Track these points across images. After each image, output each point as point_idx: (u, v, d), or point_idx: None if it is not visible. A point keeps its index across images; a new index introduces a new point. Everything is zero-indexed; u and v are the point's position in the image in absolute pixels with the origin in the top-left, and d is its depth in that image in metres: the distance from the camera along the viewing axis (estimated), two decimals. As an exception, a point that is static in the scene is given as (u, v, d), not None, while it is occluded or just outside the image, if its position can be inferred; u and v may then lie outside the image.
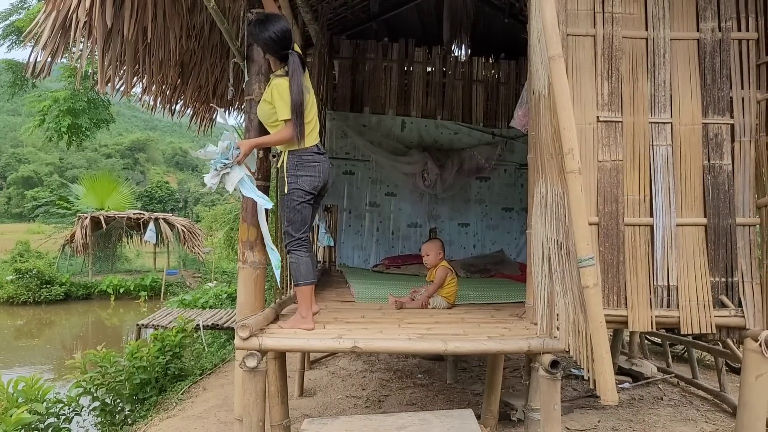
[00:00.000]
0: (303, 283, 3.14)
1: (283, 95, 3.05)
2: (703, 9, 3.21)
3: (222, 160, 3.05)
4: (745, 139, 3.14)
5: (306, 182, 3.14)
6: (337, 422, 3.04)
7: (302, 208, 3.15)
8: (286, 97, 3.04)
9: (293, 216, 3.15)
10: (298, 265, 3.15)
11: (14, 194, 42.89)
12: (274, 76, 3.20)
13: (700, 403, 4.83)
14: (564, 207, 2.77)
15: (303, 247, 3.18)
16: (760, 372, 2.99)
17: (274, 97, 3.08)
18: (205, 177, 3.10)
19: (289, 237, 3.16)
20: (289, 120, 3.05)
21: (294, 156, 3.14)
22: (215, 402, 5.35)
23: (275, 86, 3.09)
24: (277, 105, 3.06)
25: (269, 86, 3.17)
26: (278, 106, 3.06)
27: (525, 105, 3.74)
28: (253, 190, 3.16)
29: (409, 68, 7.16)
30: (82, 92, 10.32)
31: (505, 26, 6.97)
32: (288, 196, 3.14)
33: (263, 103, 3.20)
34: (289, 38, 3.15)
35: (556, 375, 2.75)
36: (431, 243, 4.40)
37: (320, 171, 3.19)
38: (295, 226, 3.15)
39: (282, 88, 3.06)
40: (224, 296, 12.19)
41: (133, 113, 74.12)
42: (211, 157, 3.08)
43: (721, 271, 3.10)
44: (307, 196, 3.15)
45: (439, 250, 4.29)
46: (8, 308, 15.31)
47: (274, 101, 3.08)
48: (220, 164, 3.04)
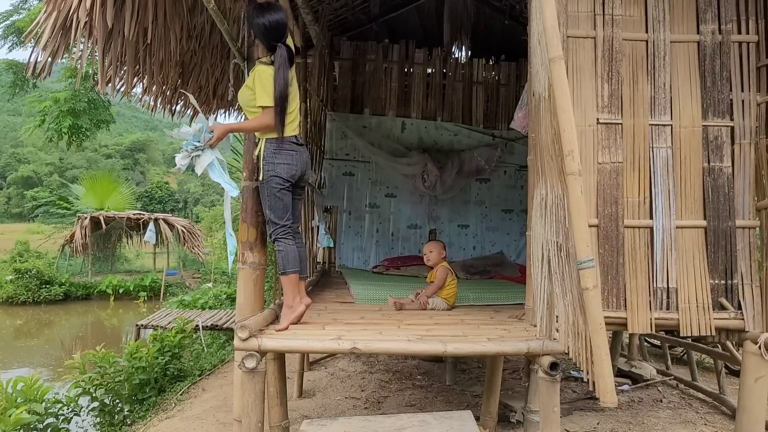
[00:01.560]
0: (290, 271, 3.13)
1: (264, 83, 3.08)
2: (704, 11, 3.21)
3: (194, 142, 3.05)
4: (745, 142, 3.14)
5: (283, 169, 3.15)
6: (336, 423, 3.04)
7: (282, 195, 3.16)
8: (268, 86, 3.07)
9: (274, 203, 3.15)
10: (287, 253, 3.15)
11: (14, 194, 42.87)
12: (259, 62, 3.24)
13: (700, 405, 4.82)
14: (564, 209, 2.77)
15: (289, 235, 3.19)
16: (760, 374, 2.99)
17: (255, 83, 3.11)
18: (176, 157, 3.11)
19: (274, 225, 3.17)
20: (267, 107, 3.08)
21: (272, 144, 3.16)
22: (214, 403, 5.34)
23: (258, 73, 3.13)
24: (257, 91, 3.09)
25: (252, 72, 3.21)
26: (258, 93, 3.09)
27: (525, 107, 3.74)
28: (221, 175, 3.15)
29: (410, 69, 7.17)
30: (83, 93, 10.33)
31: (505, 28, 6.99)
32: (267, 184, 3.15)
33: (245, 88, 3.23)
34: (282, 31, 3.17)
35: (556, 377, 2.74)
36: (434, 242, 4.42)
37: (297, 160, 3.22)
38: (277, 214, 3.16)
39: (264, 76, 3.09)
40: (223, 297, 12.18)
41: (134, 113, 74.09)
42: (184, 138, 3.07)
43: (720, 273, 3.10)
44: (285, 183, 3.16)
45: (441, 250, 4.30)
46: (7, 308, 15.29)
47: (255, 87, 3.11)
48: (191, 146, 3.04)
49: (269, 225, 3.21)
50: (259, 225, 3.39)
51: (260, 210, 3.39)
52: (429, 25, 7.36)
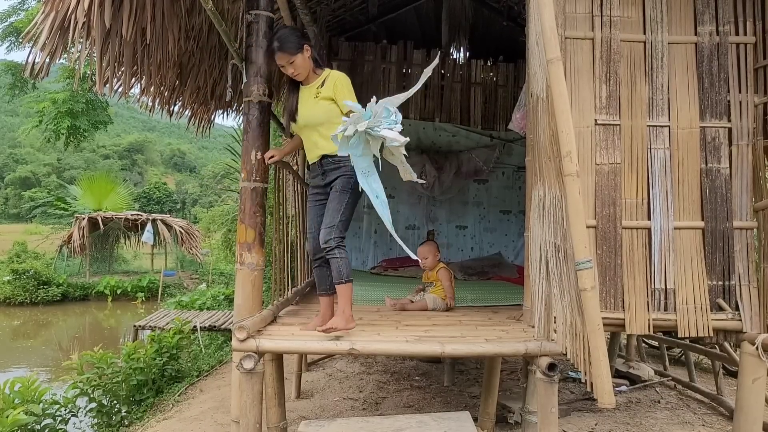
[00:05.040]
0: (347, 280, 3.01)
1: (351, 87, 3.09)
2: (701, 13, 3.22)
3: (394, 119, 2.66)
4: (743, 143, 3.15)
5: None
6: (334, 424, 3.03)
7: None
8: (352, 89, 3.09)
9: (349, 215, 3.09)
10: (345, 261, 3.01)
11: (12, 195, 42.85)
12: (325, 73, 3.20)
13: (697, 406, 4.83)
14: (562, 210, 2.77)
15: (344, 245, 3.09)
16: (757, 375, 3.00)
17: (344, 90, 3.07)
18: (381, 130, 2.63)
19: (340, 232, 3.02)
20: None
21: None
22: (212, 404, 5.33)
23: (338, 79, 3.10)
24: (349, 96, 3.02)
25: (325, 83, 3.14)
26: (350, 97, 3.01)
27: (523, 108, 3.75)
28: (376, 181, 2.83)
29: (408, 70, 7.17)
30: (81, 93, 10.32)
31: (503, 29, 6.99)
32: (352, 191, 3.05)
33: (321, 101, 3.11)
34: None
35: (554, 378, 2.75)
36: (426, 246, 4.40)
37: None
38: (346, 225, 3.07)
39: (347, 81, 3.10)
40: (221, 298, 12.17)
41: (132, 114, 74.14)
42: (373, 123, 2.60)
43: (718, 274, 3.10)
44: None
45: (435, 252, 4.31)
46: (5, 309, 15.27)
47: (343, 94, 3.04)
48: (392, 124, 2.65)
49: (334, 230, 2.99)
50: (257, 226, 3.39)
51: (258, 211, 3.39)
52: (427, 27, 7.36)
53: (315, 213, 3.26)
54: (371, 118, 2.58)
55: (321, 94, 3.13)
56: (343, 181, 3.08)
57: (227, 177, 15.24)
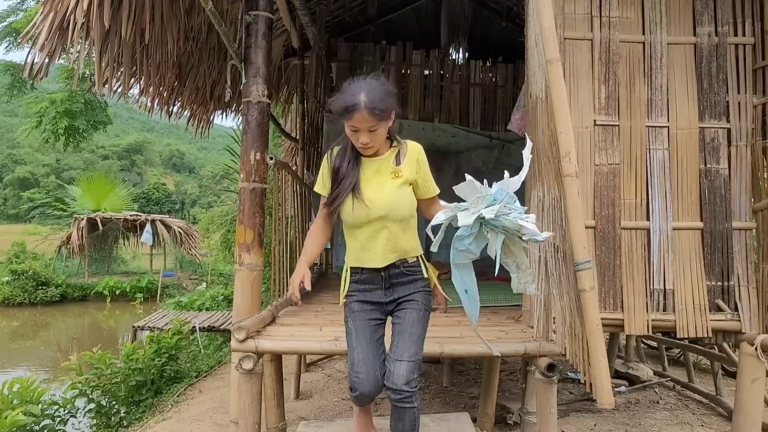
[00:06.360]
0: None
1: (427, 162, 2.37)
2: (700, 14, 3.23)
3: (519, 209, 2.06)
4: (741, 144, 3.15)
5: None
6: (333, 425, 3.03)
7: None
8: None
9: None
10: (419, 412, 2.53)
11: (10, 195, 42.82)
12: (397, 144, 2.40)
13: (696, 406, 4.83)
14: (561, 210, 2.77)
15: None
16: (756, 376, 3.00)
17: (427, 173, 2.39)
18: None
19: (420, 372, 2.51)
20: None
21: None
22: (211, 404, 5.33)
23: (421, 155, 2.37)
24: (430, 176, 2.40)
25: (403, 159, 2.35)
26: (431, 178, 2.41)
27: (522, 108, 3.75)
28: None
29: (407, 71, 7.17)
30: (80, 94, 10.31)
31: (502, 30, 6.99)
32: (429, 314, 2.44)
33: (404, 187, 2.32)
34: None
35: (553, 378, 2.75)
36: None
37: None
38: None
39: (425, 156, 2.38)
40: (221, 298, 12.16)
41: (131, 115, 74.12)
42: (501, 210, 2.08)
43: (717, 275, 3.10)
44: None
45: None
46: (4, 309, 15.24)
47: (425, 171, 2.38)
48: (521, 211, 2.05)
49: (418, 367, 2.40)
50: (256, 226, 3.38)
51: (257, 212, 3.39)
52: (426, 27, 7.36)
53: (369, 337, 2.35)
54: (494, 203, 2.05)
55: (402, 175, 2.31)
56: (424, 297, 2.38)
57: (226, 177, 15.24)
